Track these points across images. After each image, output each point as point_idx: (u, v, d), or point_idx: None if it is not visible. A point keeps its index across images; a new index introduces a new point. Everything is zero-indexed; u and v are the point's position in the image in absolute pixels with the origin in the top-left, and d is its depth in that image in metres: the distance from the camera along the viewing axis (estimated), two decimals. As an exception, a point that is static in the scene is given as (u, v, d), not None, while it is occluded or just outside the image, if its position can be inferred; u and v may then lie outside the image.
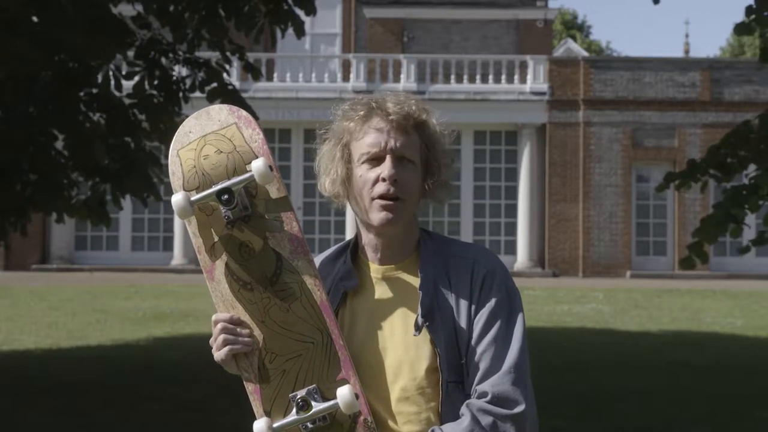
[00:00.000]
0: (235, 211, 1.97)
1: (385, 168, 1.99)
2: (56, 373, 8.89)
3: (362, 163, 2.02)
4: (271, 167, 1.94)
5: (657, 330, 12.65)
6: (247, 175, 1.95)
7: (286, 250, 1.99)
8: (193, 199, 1.96)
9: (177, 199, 1.94)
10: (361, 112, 2.03)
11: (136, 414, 7.21)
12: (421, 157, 2.04)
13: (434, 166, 2.05)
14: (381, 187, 1.99)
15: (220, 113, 2.04)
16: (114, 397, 7.84)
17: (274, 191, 1.99)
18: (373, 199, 2.00)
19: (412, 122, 2.03)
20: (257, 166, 1.93)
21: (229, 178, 1.97)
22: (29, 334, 11.60)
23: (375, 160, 2.01)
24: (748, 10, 7.15)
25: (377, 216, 2.00)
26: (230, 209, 1.96)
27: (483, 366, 1.95)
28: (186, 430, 6.71)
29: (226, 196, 1.94)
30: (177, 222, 21.21)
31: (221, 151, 2.00)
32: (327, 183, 2.07)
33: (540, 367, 8.71)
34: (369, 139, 2.01)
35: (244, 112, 2.03)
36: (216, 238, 2.00)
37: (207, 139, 2.02)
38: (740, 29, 7.21)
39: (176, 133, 2.05)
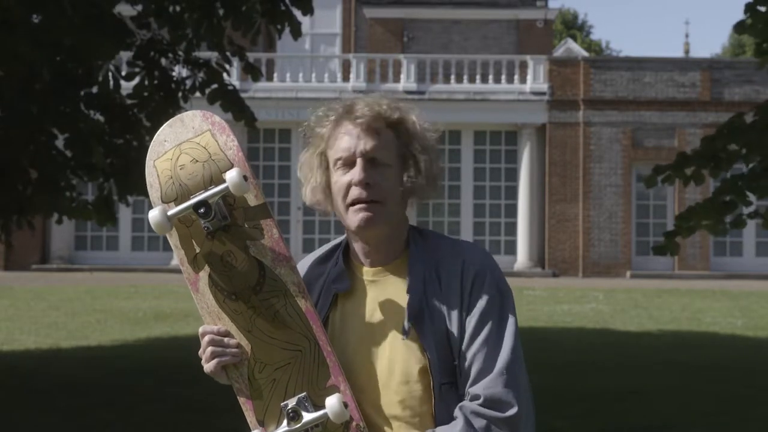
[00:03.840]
0: (213, 222, 1.95)
1: (356, 173, 1.98)
2: (56, 373, 8.89)
3: (337, 168, 2.01)
4: (246, 177, 1.93)
5: (657, 330, 12.65)
6: (221, 186, 1.93)
7: (268, 258, 1.97)
8: (169, 213, 1.94)
9: (154, 215, 1.93)
10: (332, 118, 2.03)
11: (136, 414, 7.21)
12: (398, 157, 2.01)
13: (413, 164, 2.01)
14: (354, 192, 1.98)
15: (194, 120, 2.02)
16: (114, 397, 7.84)
17: (252, 199, 1.97)
18: (348, 204, 2.00)
19: (384, 122, 2.00)
20: (231, 177, 1.91)
21: (206, 188, 1.95)
22: (29, 334, 11.60)
23: (347, 165, 2.00)
24: (748, 7, 7.11)
25: (354, 219, 1.99)
26: (209, 221, 1.94)
27: (475, 368, 1.93)
28: (186, 431, 6.70)
29: (203, 209, 1.93)
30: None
31: (197, 160, 1.98)
32: (308, 191, 2.07)
33: (540, 367, 8.73)
34: (341, 144, 2.00)
35: (217, 118, 2.01)
36: (198, 250, 1.98)
37: (182, 147, 2.00)
38: (740, 28, 7.18)
39: (152, 143, 2.03)
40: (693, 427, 6.92)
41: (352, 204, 1.99)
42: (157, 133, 2.03)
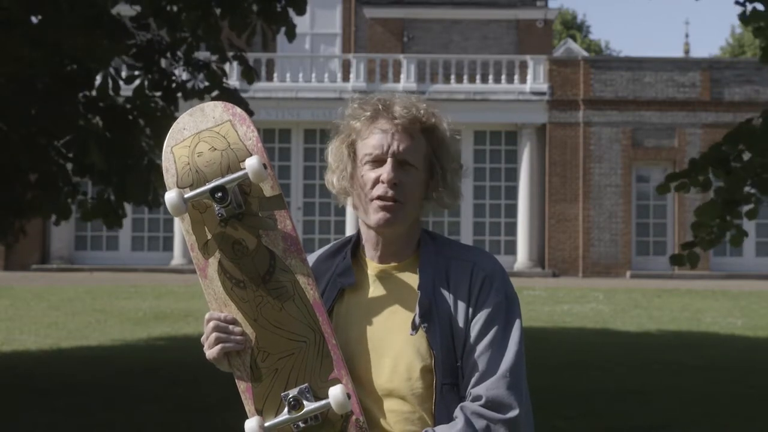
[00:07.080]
0: (228, 208, 1.96)
1: (385, 171, 1.99)
2: (56, 373, 8.89)
3: (365, 163, 2.03)
4: (265, 165, 1.94)
5: (657, 330, 12.65)
6: (241, 173, 1.95)
7: (280, 249, 1.98)
8: (186, 196, 1.96)
9: (170, 196, 1.94)
10: (368, 113, 2.04)
11: (136, 414, 7.21)
12: (425, 162, 2.04)
13: (438, 171, 2.04)
14: (380, 189, 2.00)
15: (215, 110, 2.03)
16: (114, 397, 7.84)
17: (268, 189, 1.99)
18: (371, 199, 2.01)
19: (419, 126, 2.03)
20: (251, 164, 1.92)
21: (223, 176, 1.97)
22: (29, 334, 11.60)
23: (377, 161, 2.01)
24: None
25: (375, 216, 2.01)
26: (224, 207, 1.96)
27: (478, 369, 1.95)
28: (186, 430, 6.71)
29: (219, 194, 1.94)
30: (177, 222, 21.18)
31: (215, 149, 2.00)
32: (334, 180, 2.08)
33: (540, 367, 8.72)
34: (373, 140, 2.02)
35: (238, 110, 2.02)
36: (209, 236, 1.99)
37: (201, 136, 2.01)
38: (747, 19, 7.12)
39: (170, 130, 2.04)
40: (693, 427, 6.92)
41: (376, 200, 2.00)
42: (177, 121, 2.05)
